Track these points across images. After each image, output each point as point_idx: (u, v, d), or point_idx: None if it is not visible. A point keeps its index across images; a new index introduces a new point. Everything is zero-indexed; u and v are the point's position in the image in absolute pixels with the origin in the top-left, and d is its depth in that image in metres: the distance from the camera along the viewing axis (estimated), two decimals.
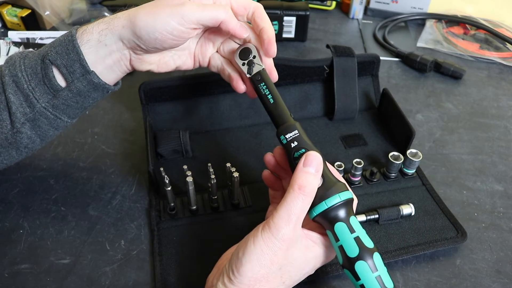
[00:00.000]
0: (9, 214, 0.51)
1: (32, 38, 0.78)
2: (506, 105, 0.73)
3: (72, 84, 0.43)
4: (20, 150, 0.46)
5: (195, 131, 0.61)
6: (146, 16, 0.41)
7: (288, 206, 0.35)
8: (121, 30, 0.42)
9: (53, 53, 0.42)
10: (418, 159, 0.54)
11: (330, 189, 0.37)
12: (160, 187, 0.51)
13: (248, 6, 0.45)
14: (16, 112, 0.43)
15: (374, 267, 0.36)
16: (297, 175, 0.37)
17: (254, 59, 0.45)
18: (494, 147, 0.64)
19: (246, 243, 0.36)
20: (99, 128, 0.64)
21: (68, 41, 0.42)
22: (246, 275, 0.35)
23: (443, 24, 0.94)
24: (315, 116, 0.66)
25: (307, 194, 0.36)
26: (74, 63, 0.42)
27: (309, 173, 0.37)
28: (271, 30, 0.45)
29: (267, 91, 0.43)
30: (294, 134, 0.40)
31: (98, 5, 0.83)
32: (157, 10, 0.41)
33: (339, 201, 0.37)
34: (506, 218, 0.53)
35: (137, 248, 0.48)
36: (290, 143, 0.39)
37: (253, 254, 0.35)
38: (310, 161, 0.37)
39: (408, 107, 0.71)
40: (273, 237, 0.35)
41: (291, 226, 0.35)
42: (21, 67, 0.43)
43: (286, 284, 0.37)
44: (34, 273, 0.45)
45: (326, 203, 0.37)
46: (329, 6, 1.01)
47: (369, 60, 0.65)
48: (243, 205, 0.52)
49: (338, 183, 0.38)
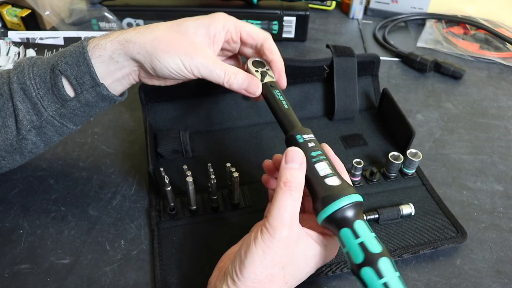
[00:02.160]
0: (9, 214, 0.51)
1: (32, 38, 0.78)
2: (506, 105, 0.73)
3: (81, 95, 0.43)
4: (24, 154, 0.47)
5: (195, 131, 0.61)
6: (162, 52, 0.42)
7: (278, 204, 0.35)
8: (136, 55, 0.43)
9: (64, 63, 0.42)
10: (418, 159, 0.54)
11: (336, 193, 0.36)
12: (160, 187, 0.51)
13: (257, 37, 0.47)
14: (23, 120, 0.43)
15: (380, 273, 0.34)
16: (281, 173, 0.37)
17: (268, 71, 0.47)
18: (494, 147, 0.64)
19: (248, 245, 0.36)
20: (99, 128, 0.64)
21: (79, 52, 0.42)
22: (249, 277, 0.35)
23: (443, 24, 0.94)
24: (315, 116, 0.66)
25: (294, 188, 0.36)
26: (84, 75, 0.42)
27: (293, 169, 0.37)
28: (281, 63, 0.47)
29: (281, 97, 0.44)
30: (310, 136, 0.41)
31: (98, 5, 0.83)
32: (173, 50, 0.42)
33: (344, 205, 0.36)
34: (506, 218, 0.53)
35: (137, 248, 0.48)
36: (307, 143, 0.40)
37: (255, 255, 0.35)
38: (291, 156, 0.37)
39: (408, 107, 0.71)
40: (271, 237, 0.35)
41: (286, 223, 0.35)
42: (30, 75, 0.43)
43: (289, 285, 0.37)
44: (34, 273, 0.45)
45: (329, 208, 0.36)
46: (329, 6, 1.01)
47: (369, 60, 0.65)
48: (243, 205, 0.52)
49: (344, 185, 0.37)
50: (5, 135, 0.44)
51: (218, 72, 0.44)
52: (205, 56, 0.43)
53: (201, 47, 0.44)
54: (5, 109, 0.43)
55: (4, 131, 0.43)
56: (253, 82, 0.45)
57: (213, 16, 0.46)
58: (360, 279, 0.35)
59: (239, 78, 0.45)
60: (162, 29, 0.43)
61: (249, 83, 0.45)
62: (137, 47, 0.42)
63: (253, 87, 0.45)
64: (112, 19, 0.83)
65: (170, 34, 0.43)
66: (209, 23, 0.45)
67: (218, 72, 0.44)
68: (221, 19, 0.46)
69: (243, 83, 0.45)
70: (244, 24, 0.47)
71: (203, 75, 0.44)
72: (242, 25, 0.47)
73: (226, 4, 0.84)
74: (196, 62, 0.43)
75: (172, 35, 0.43)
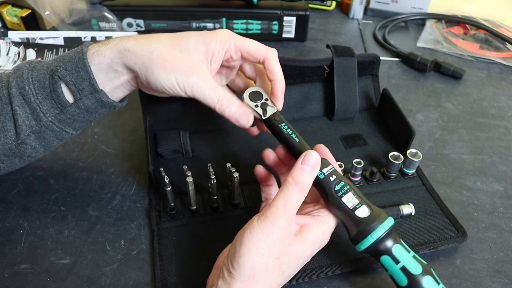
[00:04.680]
0: (9, 214, 0.51)
1: (32, 38, 0.78)
2: (506, 105, 0.73)
3: (80, 101, 0.43)
4: (23, 158, 0.47)
5: (195, 131, 0.61)
6: (158, 67, 0.42)
7: (285, 196, 0.37)
8: (133, 65, 0.42)
9: (63, 69, 0.42)
10: (418, 159, 0.54)
11: (369, 225, 0.38)
12: (160, 187, 0.51)
13: (258, 56, 0.46)
14: (22, 125, 0.43)
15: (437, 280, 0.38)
16: (294, 171, 0.39)
17: (267, 101, 0.45)
18: (494, 147, 0.64)
19: (242, 236, 0.36)
20: (99, 128, 0.64)
21: (78, 58, 0.42)
22: (245, 265, 0.35)
23: (443, 24, 0.94)
24: (315, 116, 0.66)
25: (301, 189, 0.38)
26: (84, 81, 0.42)
27: (305, 171, 0.39)
28: (282, 84, 0.46)
29: (289, 131, 0.43)
30: (330, 168, 0.41)
31: (98, 5, 0.83)
32: (170, 67, 0.42)
33: (379, 236, 0.38)
34: (506, 218, 0.53)
35: (137, 248, 0.48)
36: (329, 177, 0.40)
37: (251, 244, 0.35)
38: (308, 160, 0.39)
39: (408, 107, 0.71)
40: (271, 224, 0.36)
41: (287, 214, 0.37)
42: (29, 80, 0.42)
43: (285, 275, 0.37)
44: (34, 273, 0.45)
45: (372, 236, 0.38)
46: (329, 6, 1.01)
47: (369, 60, 0.65)
48: (243, 205, 0.52)
49: (375, 214, 0.39)
50: (4, 139, 0.44)
51: (211, 96, 0.43)
52: (201, 77, 0.43)
53: (199, 66, 0.43)
54: (4, 113, 0.43)
55: (3, 135, 0.43)
56: (244, 114, 0.44)
57: (215, 33, 0.44)
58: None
59: (232, 107, 0.44)
60: (162, 43, 0.43)
61: (240, 114, 0.44)
62: (134, 57, 0.42)
63: (243, 119, 0.45)
64: (112, 19, 0.83)
65: (169, 49, 0.43)
66: (209, 41, 0.44)
67: (212, 96, 0.43)
68: (222, 38, 0.44)
69: (235, 113, 0.44)
70: (246, 42, 0.45)
71: (195, 96, 0.43)
72: (243, 44, 0.45)
73: (226, 4, 0.84)
74: (191, 82, 0.42)
75: (171, 50, 0.43)
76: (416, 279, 0.37)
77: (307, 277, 0.45)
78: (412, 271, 0.37)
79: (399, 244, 0.39)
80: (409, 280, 0.37)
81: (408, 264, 0.38)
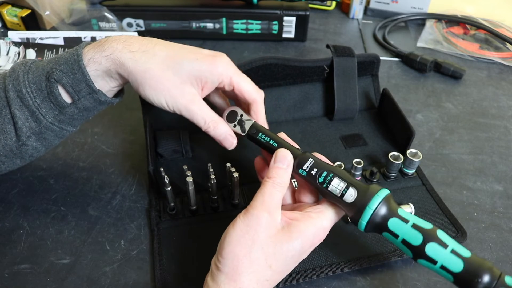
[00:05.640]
0: (9, 214, 0.51)
1: (32, 38, 0.78)
2: (506, 105, 0.73)
3: (79, 101, 0.44)
4: (24, 158, 0.47)
5: (195, 131, 0.61)
6: (149, 88, 0.43)
7: (261, 191, 0.39)
8: (127, 78, 0.44)
9: (58, 71, 0.42)
10: (418, 159, 0.54)
11: (367, 194, 0.38)
12: (160, 187, 0.51)
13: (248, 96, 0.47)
14: (22, 127, 0.43)
15: (443, 243, 0.36)
16: (269, 170, 0.41)
17: (242, 117, 0.47)
18: (494, 147, 0.64)
19: (226, 230, 0.38)
20: (99, 128, 0.64)
21: (73, 60, 0.42)
22: (228, 256, 0.36)
23: (443, 24, 0.94)
24: (315, 116, 0.66)
25: (277, 183, 0.39)
26: (80, 83, 0.42)
27: (280, 168, 0.40)
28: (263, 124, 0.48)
29: (267, 138, 0.45)
30: (309, 163, 0.41)
31: (98, 5, 0.83)
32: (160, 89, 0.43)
33: (381, 200, 0.38)
34: (506, 218, 0.53)
35: (137, 248, 0.48)
36: (310, 172, 0.41)
37: (234, 235, 0.37)
38: (280, 157, 0.41)
39: (408, 107, 0.71)
40: (251, 215, 0.37)
41: (266, 206, 0.38)
42: (25, 83, 0.42)
43: (273, 269, 0.37)
44: (34, 273, 0.45)
45: (370, 207, 0.38)
46: (329, 6, 1.01)
47: (369, 60, 0.65)
48: (243, 205, 0.52)
49: (371, 185, 0.39)
50: (4, 141, 0.44)
51: (198, 119, 0.45)
52: (191, 101, 0.44)
53: (189, 91, 0.44)
54: (3, 116, 0.43)
55: (3, 138, 0.44)
56: (228, 139, 0.47)
57: (214, 63, 0.44)
58: (427, 258, 0.36)
59: (218, 130, 0.46)
60: (157, 61, 0.43)
61: (224, 138, 0.46)
62: (128, 72, 0.43)
63: (227, 143, 0.47)
64: (112, 19, 0.83)
65: (162, 70, 0.43)
66: (205, 70, 0.44)
67: (199, 119, 0.45)
68: (220, 70, 0.45)
69: (220, 135, 0.46)
70: (242, 82, 0.46)
71: (184, 116, 0.45)
72: (239, 83, 0.46)
73: (226, 4, 0.84)
74: (179, 105, 0.44)
75: (163, 72, 0.43)
76: (430, 231, 0.37)
77: (307, 277, 0.45)
78: (424, 226, 0.37)
79: (402, 208, 0.39)
80: (424, 234, 0.36)
81: (418, 221, 0.38)
